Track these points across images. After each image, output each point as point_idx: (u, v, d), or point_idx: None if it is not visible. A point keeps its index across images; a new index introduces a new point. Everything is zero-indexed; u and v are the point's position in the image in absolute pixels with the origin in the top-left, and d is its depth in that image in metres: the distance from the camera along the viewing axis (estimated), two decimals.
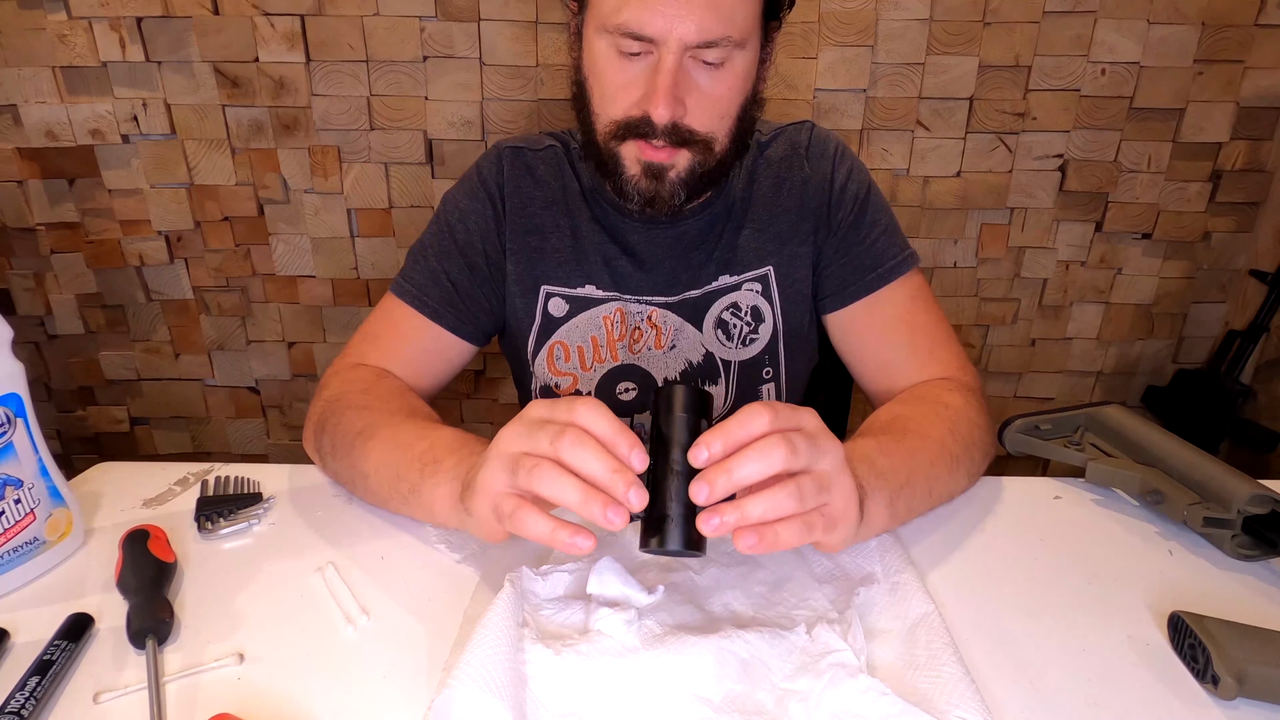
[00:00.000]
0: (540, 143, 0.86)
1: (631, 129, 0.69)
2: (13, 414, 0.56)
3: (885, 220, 0.83)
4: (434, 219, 0.84)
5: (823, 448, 0.48)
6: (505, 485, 0.50)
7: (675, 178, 0.71)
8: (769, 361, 0.85)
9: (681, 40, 0.65)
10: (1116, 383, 1.72)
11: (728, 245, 0.83)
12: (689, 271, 0.83)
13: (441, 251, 0.82)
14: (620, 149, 0.71)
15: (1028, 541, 0.65)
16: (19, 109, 1.41)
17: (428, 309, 0.80)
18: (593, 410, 0.48)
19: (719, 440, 0.46)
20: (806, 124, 0.85)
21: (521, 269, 0.83)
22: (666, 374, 0.85)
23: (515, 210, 0.82)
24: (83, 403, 1.66)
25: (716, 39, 0.65)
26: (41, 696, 0.46)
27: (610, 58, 0.68)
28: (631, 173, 0.72)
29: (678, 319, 0.83)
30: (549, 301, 0.83)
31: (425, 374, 0.81)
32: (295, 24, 1.38)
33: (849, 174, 0.83)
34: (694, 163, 0.71)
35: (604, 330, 0.83)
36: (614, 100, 0.70)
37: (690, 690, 0.47)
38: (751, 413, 0.47)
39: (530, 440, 0.49)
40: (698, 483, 0.46)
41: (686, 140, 0.69)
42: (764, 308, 0.83)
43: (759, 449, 0.46)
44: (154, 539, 0.59)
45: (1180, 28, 1.42)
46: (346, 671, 0.50)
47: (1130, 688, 0.50)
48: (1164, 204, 1.56)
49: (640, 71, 0.68)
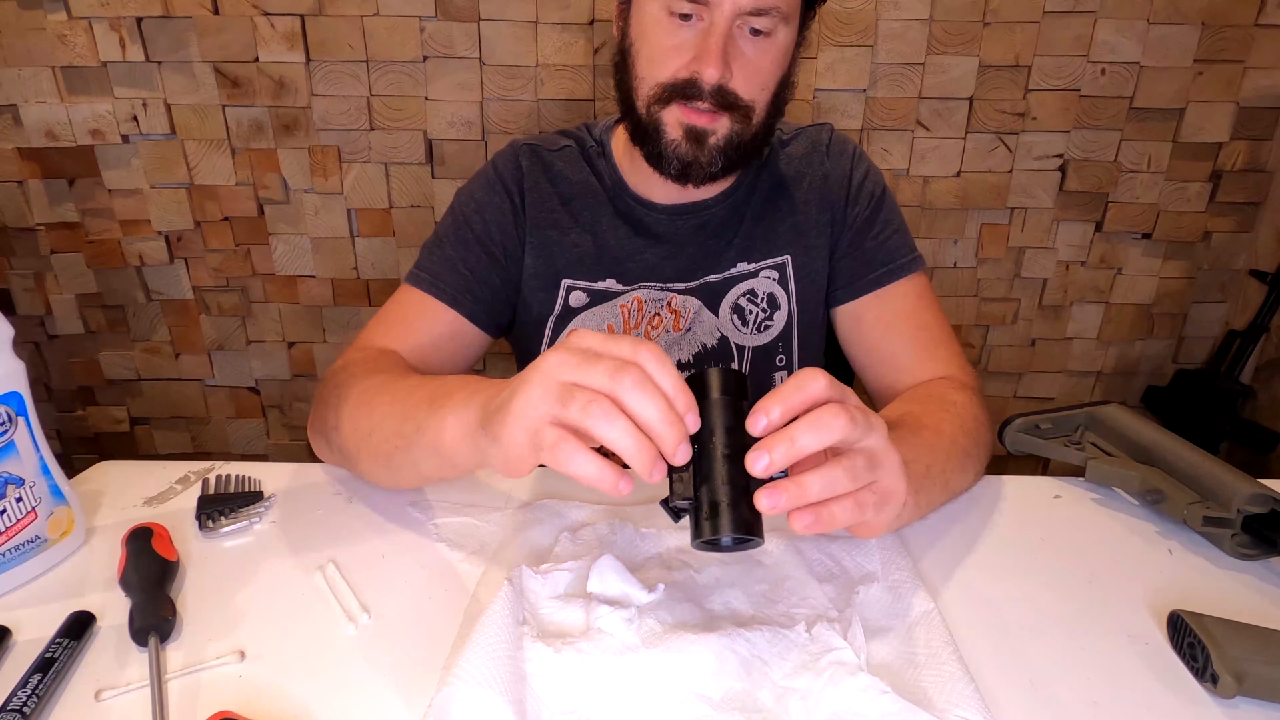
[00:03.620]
0: (556, 142, 0.87)
1: (678, 91, 0.72)
2: (14, 412, 0.56)
3: (897, 222, 0.86)
4: (448, 214, 0.85)
5: (872, 422, 0.46)
6: (548, 414, 0.45)
7: (715, 144, 0.74)
8: (783, 349, 0.86)
9: (736, 5, 0.68)
10: (1116, 383, 1.72)
11: (747, 233, 0.85)
12: (710, 257, 0.84)
13: (458, 241, 0.82)
14: (663, 113, 0.73)
15: (1028, 541, 0.65)
16: (19, 109, 1.41)
17: (446, 295, 0.80)
18: (657, 356, 0.44)
19: (777, 406, 0.44)
20: (827, 126, 0.89)
21: (541, 263, 0.84)
22: (680, 357, 0.86)
23: (534, 205, 0.83)
24: (83, 403, 1.66)
25: (767, 8, 0.68)
26: (43, 694, 0.47)
27: (661, 21, 0.71)
28: (672, 137, 0.74)
29: (696, 303, 0.84)
30: (570, 295, 0.84)
31: (439, 361, 0.80)
32: (295, 24, 1.38)
33: (866, 173, 0.86)
34: (733, 131, 0.73)
35: (620, 319, 0.84)
36: (662, 62, 0.72)
37: (690, 688, 0.47)
38: (807, 376, 0.45)
39: (582, 371, 0.44)
40: (756, 451, 0.43)
41: (730, 105, 0.72)
42: (780, 295, 0.85)
43: (820, 418, 0.44)
44: (157, 537, 0.59)
45: (1180, 28, 1.42)
46: (347, 669, 0.50)
47: (1130, 687, 0.50)
48: (1164, 204, 1.56)
49: (690, 36, 0.70)
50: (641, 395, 0.43)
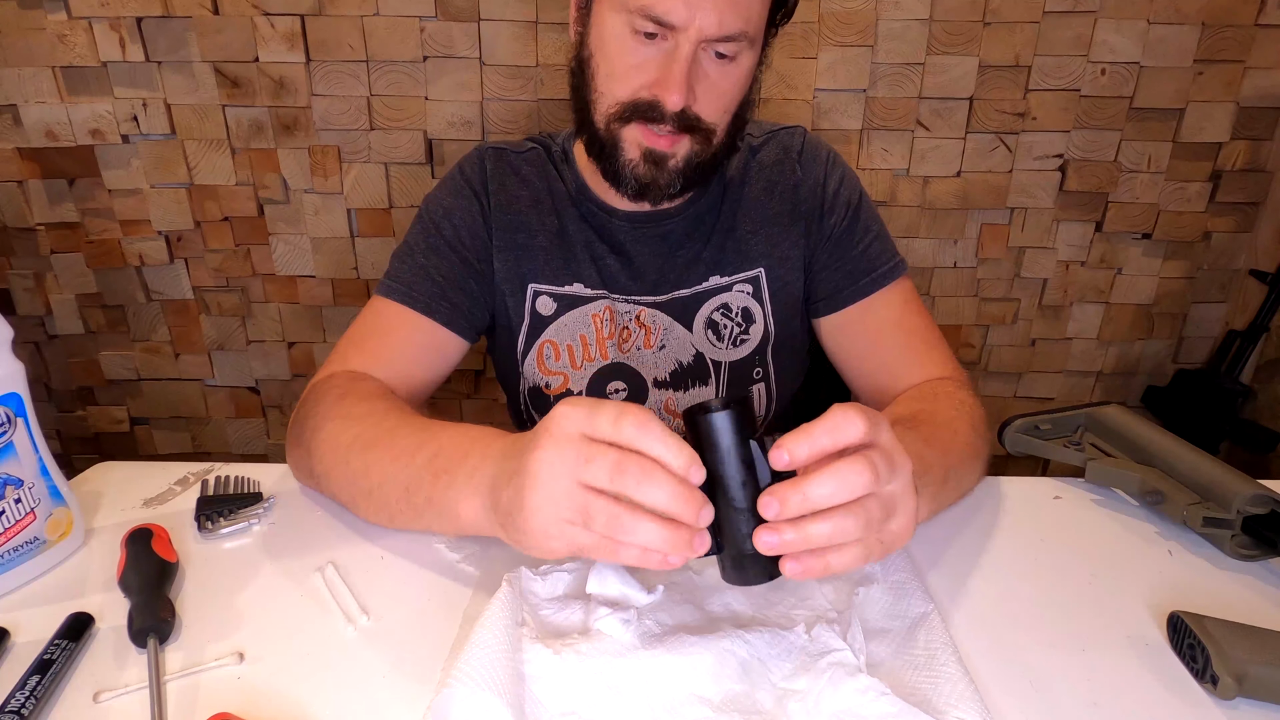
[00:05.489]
0: (521, 145, 0.86)
1: (639, 111, 0.70)
2: (13, 413, 0.56)
3: (877, 228, 0.84)
4: (416, 221, 0.83)
5: (897, 466, 0.46)
6: (575, 535, 0.46)
7: (674, 166, 0.72)
8: (759, 363, 0.86)
9: (702, 31, 0.65)
10: (1116, 383, 1.72)
11: (717, 246, 0.83)
12: (676, 271, 0.83)
13: (429, 248, 0.81)
14: (622, 131, 0.72)
15: (1028, 541, 0.65)
16: (19, 109, 1.41)
17: (419, 304, 0.78)
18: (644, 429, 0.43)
19: (805, 447, 0.43)
20: (799, 129, 0.87)
21: (509, 267, 0.82)
22: (656, 374, 0.84)
23: (500, 208, 0.82)
24: (83, 403, 1.66)
25: (734, 34, 0.66)
26: (42, 696, 0.46)
27: (623, 37, 0.68)
28: (630, 157, 0.72)
29: (667, 318, 0.83)
30: (537, 300, 0.83)
31: (418, 371, 0.78)
32: (295, 24, 1.38)
33: (841, 180, 0.84)
34: (692, 151, 0.72)
35: (593, 329, 0.83)
36: (623, 80, 0.70)
37: (690, 690, 0.47)
38: (846, 421, 0.43)
39: (585, 469, 0.44)
40: (768, 497, 0.43)
41: (691, 127, 0.70)
42: (755, 309, 0.84)
43: (842, 472, 0.43)
44: (157, 538, 0.59)
45: (1180, 28, 1.42)
46: (346, 671, 0.50)
47: (1130, 687, 0.50)
48: (1164, 204, 1.56)
49: (653, 55, 0.68)
50: (652, 487, 0.43)
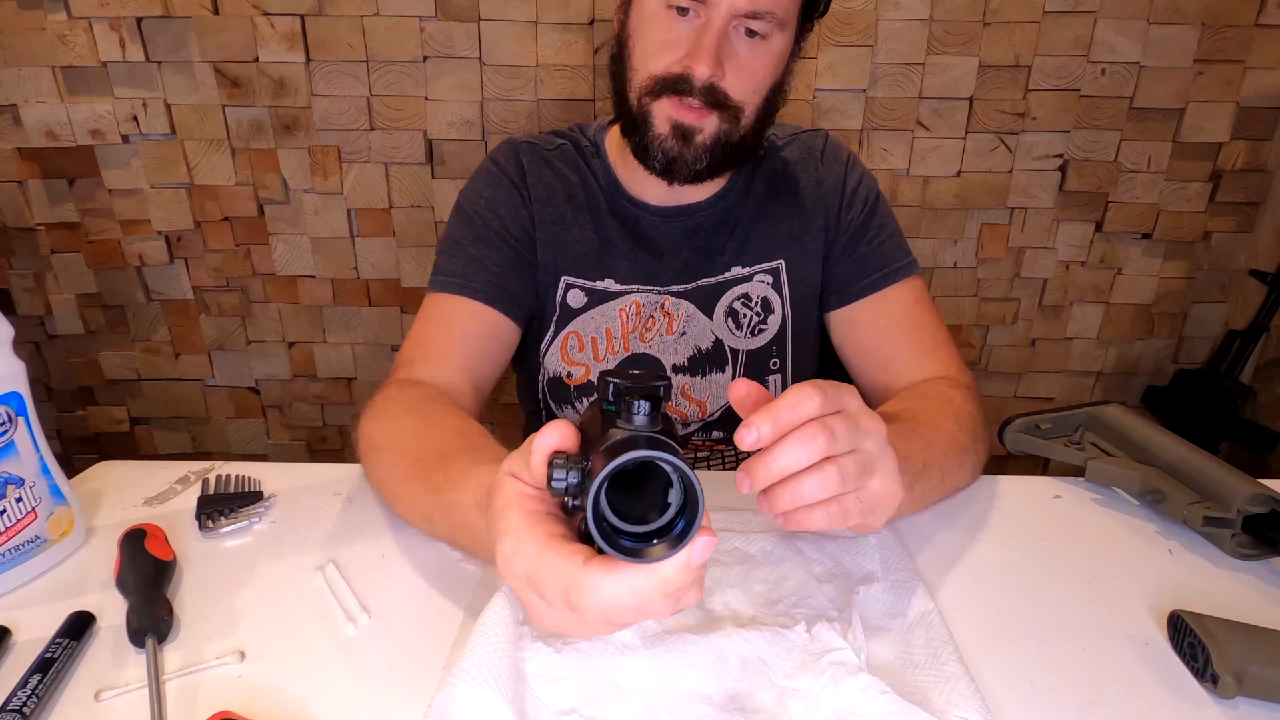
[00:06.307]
0: (551, 142, 0.87)
1: (669, 85, 0.72)
2: (14, 412, 0.56)
3: (892, 226, 0.86)
4: (456, 215, 0.84)
5: (865, 428, 0.47)
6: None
7: (701, 142, 0.74)
8: (776, 353, 0.87)
9: (732, 5, 0.68)
10: (1116, 383, 1.72)
11: (741, 237, 0.85)
12: (702, 260, 0.84)
13: (477, 239, 0.82)
14: (653, 106, 0.74)
15: (1028, 541, 0.65)
16: (19, 109, 1.41)
17: (479, 294, 0.79)
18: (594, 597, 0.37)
19: (768, 424, 0.44)
20: (822, 131, 0.89)
21: (548, 258, 0.84)
22: (675, 360, 0.86)
23: (540, 200, 0.83)
24: (83, 403, 1.66)
25: (764, 11, 0.69)
26: (43, 694, 0.47)
27: (659, 14, 0.71)
28: (660, 131, 0.74)
29: (690, 306, 0.85)
30: (568, 293, 0.84)
31: (484, 363, 0.78)
32: (295, 24, 1.38)
33: (860, 180, 0.86)
34: (720, 130, 0.74)
35: (619, 323, 0.84)
36: (656, 56, 0.72)
37: (690, 688, 0.47)
38: (801, 395, 0.45)
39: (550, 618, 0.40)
40: (740, 473, 0.45)
41: (720, 104, 0.72)
42: (774, 299, 0.85)
43: (798, 439, 0.44)
44: (151, 538, 0.59)
45: (1180, 28, 1.42)
46: (347, 670, 0.50)
47: (1130, 687, 0.50)
48: (1164, 204, 1.56)
49: (686, 31, 0.71)
50: (610, 627, 0.41)
